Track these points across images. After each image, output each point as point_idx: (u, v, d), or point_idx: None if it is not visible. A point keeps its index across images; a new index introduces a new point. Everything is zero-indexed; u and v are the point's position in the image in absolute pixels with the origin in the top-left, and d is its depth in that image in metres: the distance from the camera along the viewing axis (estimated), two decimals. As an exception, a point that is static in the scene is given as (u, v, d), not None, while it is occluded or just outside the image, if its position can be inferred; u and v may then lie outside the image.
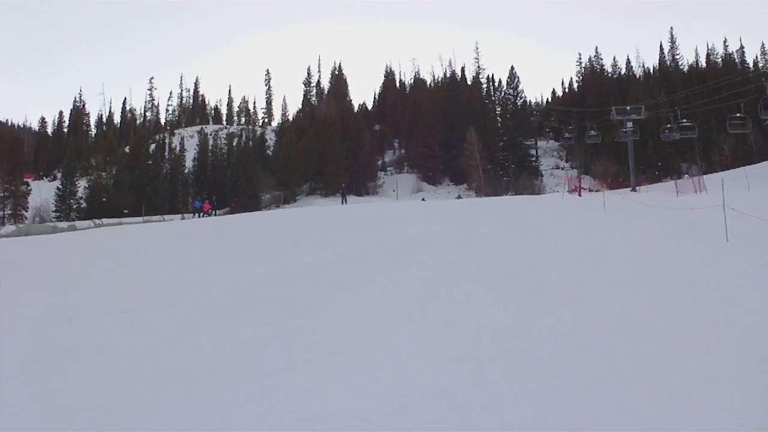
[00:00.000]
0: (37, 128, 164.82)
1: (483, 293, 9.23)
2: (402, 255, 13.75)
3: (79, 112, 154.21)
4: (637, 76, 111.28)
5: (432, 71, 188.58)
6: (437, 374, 5.57)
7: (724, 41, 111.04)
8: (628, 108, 56.10)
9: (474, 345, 6.49)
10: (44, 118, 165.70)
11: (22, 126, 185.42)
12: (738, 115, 43.58)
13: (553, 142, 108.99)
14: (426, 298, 8.92)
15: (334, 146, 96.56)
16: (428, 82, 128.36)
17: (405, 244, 15.92)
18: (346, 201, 53.59)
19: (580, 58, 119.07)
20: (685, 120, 52.21)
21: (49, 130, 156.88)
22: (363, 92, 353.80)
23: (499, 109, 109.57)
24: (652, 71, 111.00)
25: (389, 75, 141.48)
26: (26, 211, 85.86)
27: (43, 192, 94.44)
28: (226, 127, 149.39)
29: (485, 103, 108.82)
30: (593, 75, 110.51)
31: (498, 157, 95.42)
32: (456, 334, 6.84)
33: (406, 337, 6.78)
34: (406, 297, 8.90)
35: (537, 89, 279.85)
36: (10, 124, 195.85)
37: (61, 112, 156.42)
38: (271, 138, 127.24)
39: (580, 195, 41.40)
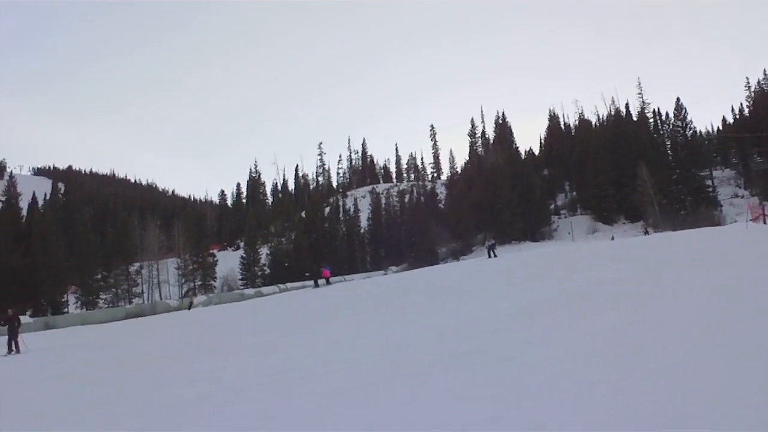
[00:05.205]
0: (217, 201, 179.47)
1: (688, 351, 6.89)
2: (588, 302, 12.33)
3: (255, 183, 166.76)
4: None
5: (596, 111, 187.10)
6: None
7: None
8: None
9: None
10: (224, 191, 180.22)
11: (203, 200, 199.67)
12: None
13: (729, 171, 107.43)
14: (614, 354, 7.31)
15: (504, 194, 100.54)
16: (593, 122, 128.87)
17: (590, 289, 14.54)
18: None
19: (748, 82, 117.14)
20: None
21: (229, 201, 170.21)
22: (528, 138, 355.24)
23: (668, 142, 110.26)
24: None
25: (553, 119, 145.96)
26: (215, 281, 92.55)
27: (228, 261, 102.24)
28: (396, 185, 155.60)
29: (654, 138, 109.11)
30: (764, 97, 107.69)
31: (672, 190, 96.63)
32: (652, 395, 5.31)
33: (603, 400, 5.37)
34: (595, 350, 7.61)
35: (706, 117, 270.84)
36: (192, 199, 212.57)
37: (238, 184, 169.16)
38: (441, 192, 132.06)
39: (765, 222, 40.79)
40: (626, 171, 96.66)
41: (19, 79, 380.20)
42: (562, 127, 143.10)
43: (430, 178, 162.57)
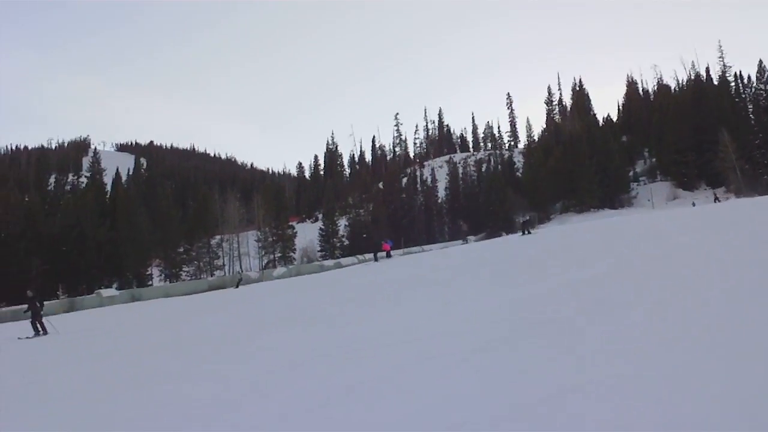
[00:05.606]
0: (295, 174, 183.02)
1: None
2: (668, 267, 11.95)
3: (332, 155, 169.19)
4: None
5: (675, 75, 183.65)
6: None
7: None
8: None
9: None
10: (301, 164, 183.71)
11: (282, 173, 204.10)
12: None
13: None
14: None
15: (582, 162, 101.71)
16: (672, 87, 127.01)
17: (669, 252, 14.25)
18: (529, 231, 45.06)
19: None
20: None
21: (307, 174, 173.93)
22: (606, 105, 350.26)
23: (750, 106, 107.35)
24: None
25: (631, 84, 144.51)
26: (294, 253, 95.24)
27: (307, 233, 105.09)
28: (473, 154, 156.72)
29: (735, 102, 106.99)
30: None
31: (755, 155, 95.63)
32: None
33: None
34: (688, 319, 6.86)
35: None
36: (270, 172, 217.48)
37: (316, 156, 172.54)
38: (518, 160, 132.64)
39: None
40: (707, 136, 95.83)
41: (100, 59, 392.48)
42: (641, 92, 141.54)
43: (507, 147, 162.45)
